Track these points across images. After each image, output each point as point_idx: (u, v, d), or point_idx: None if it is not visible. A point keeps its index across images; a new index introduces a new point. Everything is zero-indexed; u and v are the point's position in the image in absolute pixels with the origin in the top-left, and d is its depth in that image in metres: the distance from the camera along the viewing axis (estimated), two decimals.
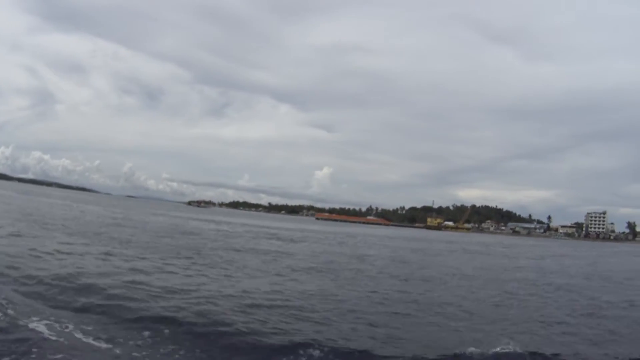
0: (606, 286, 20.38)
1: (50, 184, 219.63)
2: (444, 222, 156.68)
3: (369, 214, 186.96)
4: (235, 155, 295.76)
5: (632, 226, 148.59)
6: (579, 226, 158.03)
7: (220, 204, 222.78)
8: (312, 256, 23.56)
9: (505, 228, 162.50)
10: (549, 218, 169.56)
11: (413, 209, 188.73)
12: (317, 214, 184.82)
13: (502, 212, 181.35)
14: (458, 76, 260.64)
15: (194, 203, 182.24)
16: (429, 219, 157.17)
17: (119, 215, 44.73)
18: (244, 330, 8.21)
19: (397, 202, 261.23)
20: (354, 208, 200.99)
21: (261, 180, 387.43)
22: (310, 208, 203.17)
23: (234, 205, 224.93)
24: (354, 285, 14.79)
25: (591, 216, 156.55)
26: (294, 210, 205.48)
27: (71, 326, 7.58)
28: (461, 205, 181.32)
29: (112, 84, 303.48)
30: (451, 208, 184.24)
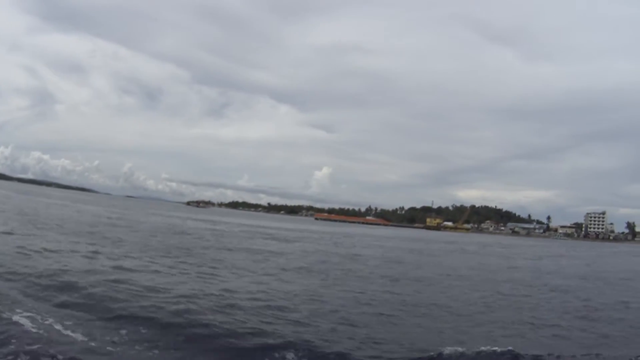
0: (602, 287, 20.11)
1: (50, 184, 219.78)
2: (443, 223, 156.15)
3: (368, 214, 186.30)
4: (235, 156, 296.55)
5: (632, 226, 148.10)
6: (579, 226, 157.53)
7: (220, 204, 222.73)
8: (304, 256, 23.37)
9: (505, 228, 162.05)
10: (549, 218, 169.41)
11: (412, 209, 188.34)
12: (316, 214, 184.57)
13: (502, 213, 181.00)
14: (458, 76, 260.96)
15: (193, 203, 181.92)
16: (428, 219, 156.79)
17: (114, 215, 44.56)
18: (219, 332, 8.05)
19: (397, 203, 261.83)
20: (353, 208, 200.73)
21: (261, 180, 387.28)
22: (310, 208, 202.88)
23: (233, 205, 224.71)
24: (342, 285, 14.59)
25: (590, 216, 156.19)
26: (293, 210, 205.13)
27: (51, 320, 7.79)
28: (461, 206, 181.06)
29: (112, 84, 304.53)
30: (450, 208, 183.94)
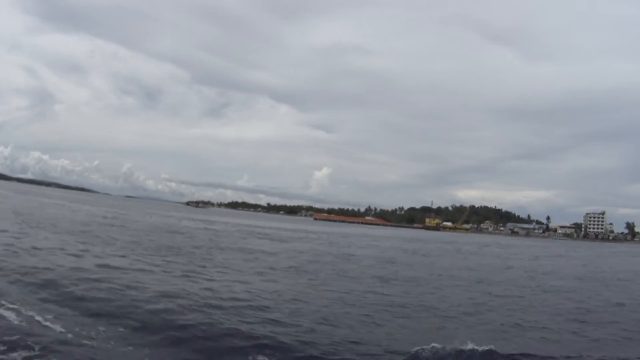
0: (598, 288, 19.84)
1: (50, 184, 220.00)
2: (443, 223, 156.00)
3: (367, 215, 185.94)
4: (235, 156, 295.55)
5: (631, 226, 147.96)
6: (578, 226, 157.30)
7: (219, 204, 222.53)
8: (296, 256, 23.21)
9: (504, 228, 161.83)
10: (548, 218, 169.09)
11: (412, 209, 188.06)
12: (315, 214, 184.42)
13: (501, 213, 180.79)
14: (458, 76, 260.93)
15: (192, 203, 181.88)
16: (427, 220, 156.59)
17: (110, 214, 44.50)
18: (194, 332, 7.94)
19: (396, 203, 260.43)
20: (352, 208, 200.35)
21: (260, 180, 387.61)
22: (309, 208, 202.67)
23: (233, 205, 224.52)
24: (329, 285, 14.41)
25: (590, 216, 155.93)
26: (292, 210, 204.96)
27: (32, 313, 8.11)
28: (460, 206, 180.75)
29: (111, 84, 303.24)
30: (450, 208, 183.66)
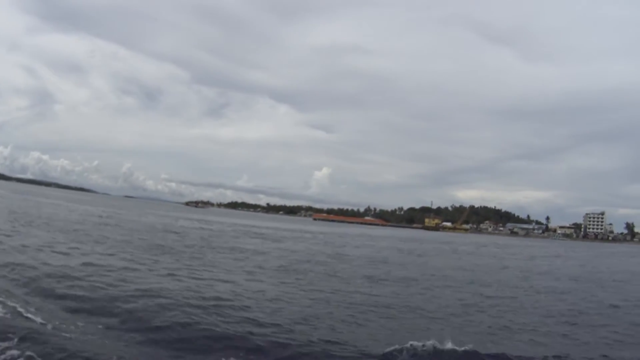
0: (593, 289, 19.50)
1: (49, 184, 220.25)
2: (442, 223, 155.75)
3: (367, 215, 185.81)
4: (234, 156, 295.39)
5: (631, 227, 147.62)
6: (578, 227, 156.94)
7: (219, 205, 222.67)
8: (287, 255, 23.10)
9: (504, 229, 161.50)
10: (548, 219, 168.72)
11: (411, 209, 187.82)
12: (315, 214, 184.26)
13: (501, 213, 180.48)
14: (458, 76, 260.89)
15: (191, 203, 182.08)
16: (426, 220, 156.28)
17: (106, 214, 44.46)
18: (171, 332, 7.87)
19: (396, 203, 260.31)
20: (352, 208, 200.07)
21: (260, 180, 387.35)
22: (309, 209, 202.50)
23: (233, 205, 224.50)
24: (317, 285, 14.27)
25: (589, 217, 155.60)
26: (292, 210, 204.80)
27: (15, 305, 8.45)
28: (460, 206, 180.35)
29: (111, 84, 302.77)
30: (449, 209, 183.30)
